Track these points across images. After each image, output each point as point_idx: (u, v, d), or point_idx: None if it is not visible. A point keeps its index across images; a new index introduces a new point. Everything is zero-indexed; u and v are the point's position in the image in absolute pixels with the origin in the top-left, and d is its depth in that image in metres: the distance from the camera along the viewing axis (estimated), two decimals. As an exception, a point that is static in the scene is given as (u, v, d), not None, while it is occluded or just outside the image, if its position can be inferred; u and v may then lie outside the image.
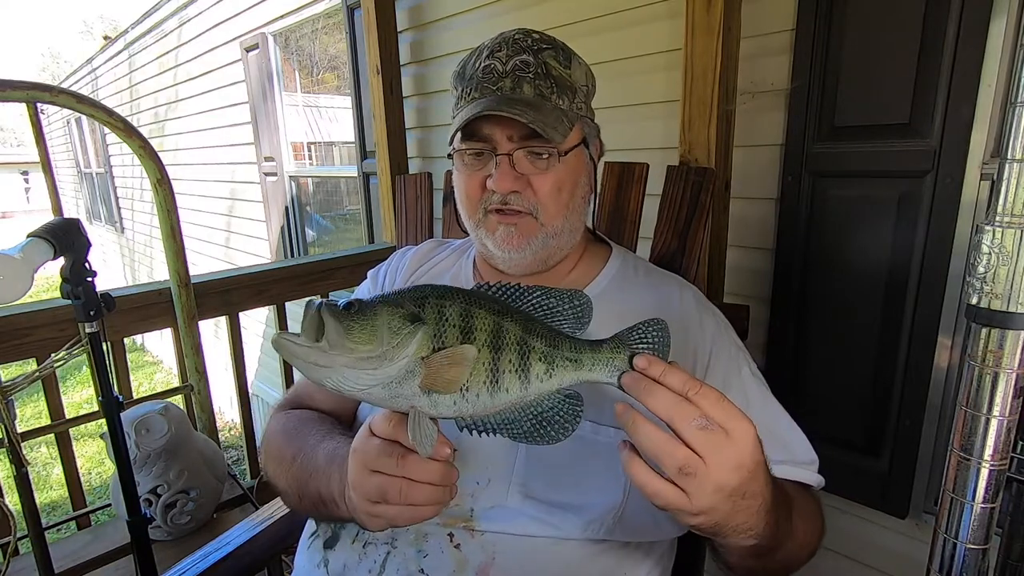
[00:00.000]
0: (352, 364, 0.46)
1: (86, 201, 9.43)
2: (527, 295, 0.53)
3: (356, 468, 0.56)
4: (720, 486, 0.46)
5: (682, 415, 0.46)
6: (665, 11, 1.54)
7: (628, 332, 0.54)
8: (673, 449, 0.46)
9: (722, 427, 0.46)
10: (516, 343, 0.49)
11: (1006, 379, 0.40)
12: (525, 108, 0.72)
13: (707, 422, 0.46)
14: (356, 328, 0.46)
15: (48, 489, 3.93)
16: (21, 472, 1.19)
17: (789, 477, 0.70)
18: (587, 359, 0.52)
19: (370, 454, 0.55)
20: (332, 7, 2.97)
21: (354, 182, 3.14)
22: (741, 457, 0.46)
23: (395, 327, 0.47)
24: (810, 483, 0.72)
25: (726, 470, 0.46)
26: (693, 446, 0.45)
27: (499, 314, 0.50)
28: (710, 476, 0.45)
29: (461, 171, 0.79)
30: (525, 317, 0.52)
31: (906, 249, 1.21)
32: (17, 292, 0.81)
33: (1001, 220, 0.40)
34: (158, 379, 6.10)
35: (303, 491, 0.70)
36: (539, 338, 0.51)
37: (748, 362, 0.79)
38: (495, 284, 0.53)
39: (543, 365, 0.50)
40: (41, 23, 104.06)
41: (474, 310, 0.49)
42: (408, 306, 0.48)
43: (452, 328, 0.48)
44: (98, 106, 1.38)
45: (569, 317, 0.53)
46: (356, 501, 0.57)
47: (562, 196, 0.77)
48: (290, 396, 0.89)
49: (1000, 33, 1.07)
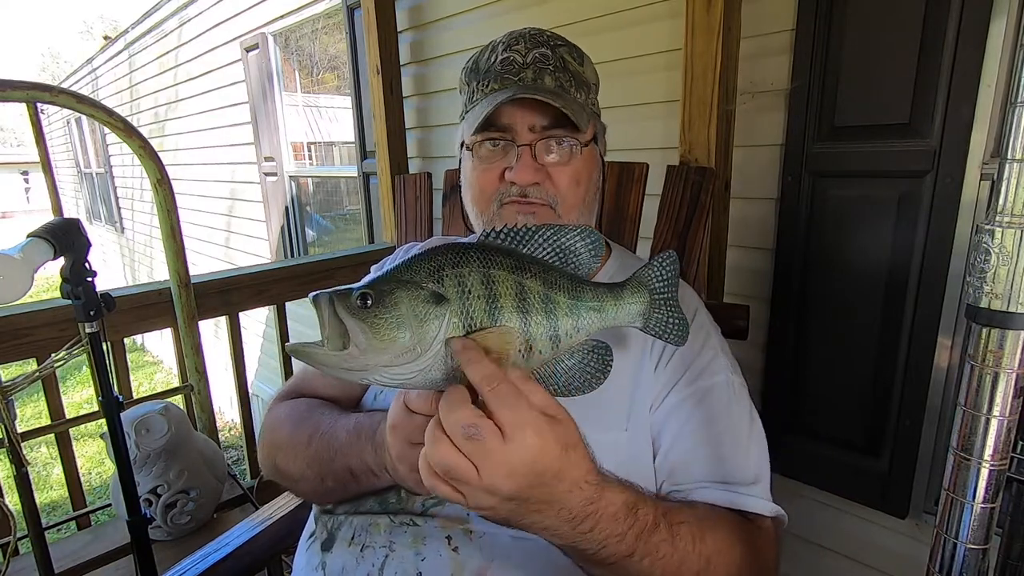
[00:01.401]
0: (388, 362, 0.44)
1: (86, 201, 9.43)
2: (537, 235, 0.50)
3: (400, 443, 0.57)
4: (491, 490, 0.45)
5: (452, 418, 0.44)
6: (665, 11, 1.54)
7: (645, 270, 0.54)
8: (443, 450, 0.44)
9: (503, 432, 0.44)
10: (541, 302, 0.48)
11: (1006, 379, 0.40)
12: (552, 96, 0.72)
13: (477, 431, 0.43)
14: (381, 324, 0.44)
15: (48, 489, 3.93)
16: (21, 472, 1.19)
17: (706, 500, 0.66)
18: (610, 306, 0.51)
19: (414, 430, 0.55)
20: (332, 7, 2.97)
21: (354, 182, 3.14)
22: (514, 466, 0.44)
23: (420, 313, 0.45)
24: (736, 507, 0.67)
25: (497, 477, 0.44)
26: (463, 451, 0.44)
27: (517, 271, 0.48)
28: (481, 482, 0.44)
29: (476, 165, 0.77)
30: (543, 268, 0.49)
31: (906, 249, 1.21)
32: (17, 292, 0.81)
33: (1001, 220, 0.39)
34: (158, 379, 6.10)
35: (326, 471, 0.70)
36: (561, 291, 0.49)
37: (728, 369, 0.76)
38: (503, 229, 0.50)
39: (569, 321, 0.49)
40: (41, 23, 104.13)
41: (493, 273, 0.47)
42: (427, 284, 0.46)
43: (477, 300, 0.46)
44: (98, 106, 1.38)
45: (583, 253, 0.51)
46: (404, 472, 0.58)
47: (580, 189, 0.76)
48: (290, 386, 0.89)
49: (1000, 33, 1.07)
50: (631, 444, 0.71)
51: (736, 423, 0.73)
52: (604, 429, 0.69)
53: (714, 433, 0.70)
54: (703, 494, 0.67)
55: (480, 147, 0.76)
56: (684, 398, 0.72)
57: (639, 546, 0.54)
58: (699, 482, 0.68)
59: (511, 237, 0.50)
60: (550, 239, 0.50)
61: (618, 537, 0.52)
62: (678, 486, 0.69)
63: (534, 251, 0.50)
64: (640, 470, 0.70)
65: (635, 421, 0.72)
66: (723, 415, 0.72)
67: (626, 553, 0.53)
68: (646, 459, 0.71)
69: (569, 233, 0.50)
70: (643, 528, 0.54)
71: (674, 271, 0.55)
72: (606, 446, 0.60)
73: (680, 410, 0.71)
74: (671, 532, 0.57)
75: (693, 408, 0.72)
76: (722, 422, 0.71)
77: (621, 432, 0.71)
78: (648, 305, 0.53)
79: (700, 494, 0.67)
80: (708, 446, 0.70)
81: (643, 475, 0.70)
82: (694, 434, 0.70)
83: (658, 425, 0.72)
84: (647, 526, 0.55)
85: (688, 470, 0.69)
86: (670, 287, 0.55)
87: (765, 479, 0.71)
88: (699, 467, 0.69)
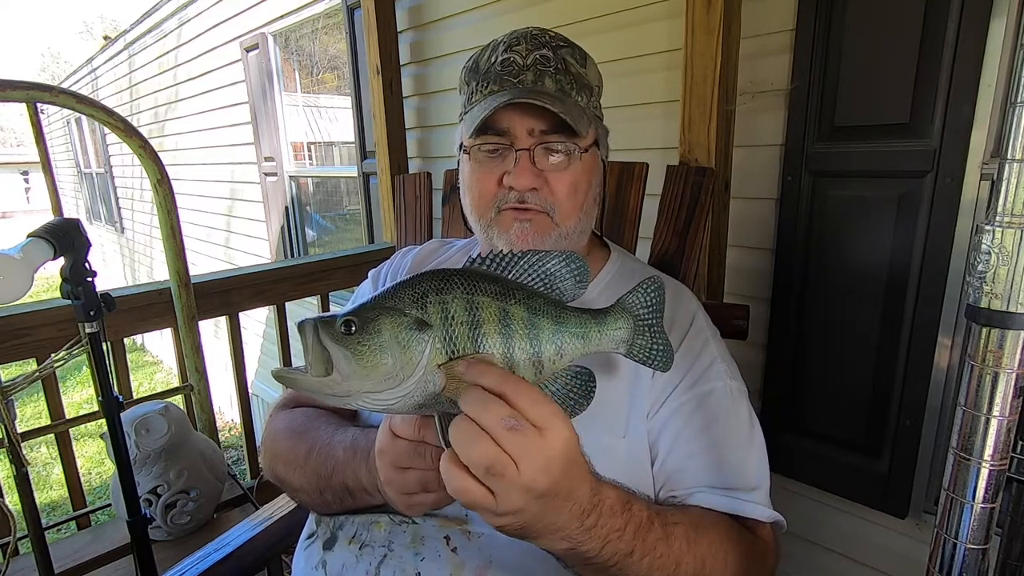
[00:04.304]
0: (371, 388, 0.45)
1: (86, 201, 9.43)
2: (523, 261, 0.51)
3: (387, 468, 0.58)
4: (529, 487, 0.44)
5: (491, 414, 0.44)
6: (665, 11, 1.54)
7: (629, 296, 0.54)
8: (482, 447, 0.43)
9: (536, 426, 0.44)
10: (525, 328, 0.48)
11: (1006, 379, 0.40)
12: (551, 100, 0.70)
13: (517, 422, 0.44)
14: (364, 351, 0.44)
15: (48, 489, 3.93)
16: (21, 472, 1.19)
17: (703, 504, 0.66)
18: (593, 333, 0.51)
19: (399, 455, 0.56)
20: (332, 7, 2.97)
21: (354, 182, 3.14)
22: (551, 458, 0.45)
23: (403, 340, 0.45)
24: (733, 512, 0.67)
25: (536, 471, 0.44)
26: (503, 445, 0.43)
27: (501, 297, 0.49)
28: (519, 477, 0.43)
29: (474, 169, 0.76)
30: (527, 294, 0.50)
31: (906, 249, 1.21)
32: (17, 292, 0.81)
33: (1001, 220, 0.39)
34: (158, 379, 6.11)
35: (324, 485, 0.70)
36: (545, 316, 0.49)
37: (726, 375, 0.75)
38: (488, 256, 0.51)
39: (553, 347, 0.49)
40: (41, 23, 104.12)
41: (477, 299, 0.48)
42: (410, 311, 0.47)
43: (460, 326, 0.47)
44: (98, 106, 1.38)
45: (567, 279, 0.51)
46: (392, 494, 0.60)
47: (578, 196, 0.75)
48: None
49: (1000, 33, 1.07)
50: (629, 450, 0.71)
51: (734, 429, 0.72)
52: (601, 435, 0.69)
53: (711, 439, 0.70)
54: (700, 498, 0.67)
55: (478, 151, 0.75)
56: (681, 404, 0.72)
57: (637, 543, 0.54)
58: (696, 487, 0.68)
59: (496, 263, 0.50)
60: (535, 265, 0.51)
61: (618, 532, 0.52)
62: (675, 491, 0.69)
63: (519, 277, 0.51)
64: (638, 476, 0.70)
65: (633, 428, 0.71)
66: (720, 421, 0.71)
67: (626, 551, 0.53)
68: (644, 465, 0.71)
69: (554, 259, 0.51)
70: (639, 524, 0.54)
71: (659, 298, 0.55)
72: (603, 451, 0.60)
73: (677, 416, 0.71)
74: (665, 532, 0.57)
75: (690, 414, 0.71)
76: (719, 428, 0.71)
77: (619, 438, 0.71)
78: (632, 332, 0.53)
79: (697, 499, 0.67)
80: (705, 452, 0.69)
81: (642, 481, 0.70)
82: (691, 440, 0.70)
83: (656, 431, 0.71)
84: (642, 522, 0.55)
85: (685, 476, 0.69)
86: (654, 314, 0.55)
87: (764, 486, 0.71)
88: (696, 473, 0.69)
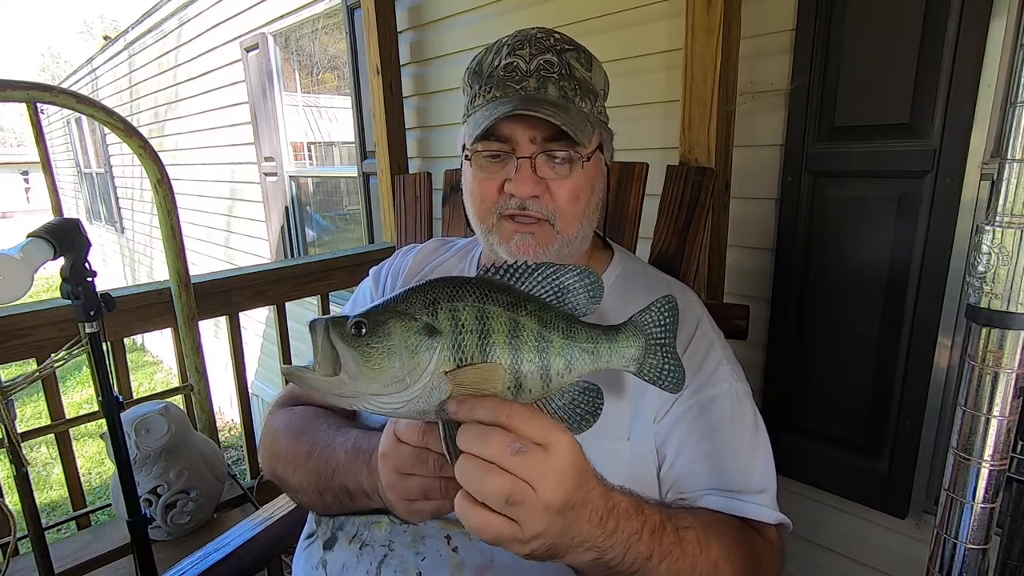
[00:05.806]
0: (378, 391, 0.45)
1: (86, 201, 9.43)
2: (537, 273, 0.50)
3: (389, 472, 0.57)
4: (548, 505, 0.44)
5: (494, 444, 0.43)
6: (665, 11, 1.54)
7: (642, 315, 0.53)
8: (494, 479, 0.43)
9: (539, 444, 0.44)
10: (534, 340, 0.48)
11: (1006, 379, 0.40)
12: (553, 109, 0.70)
13: (522, 445, 0.43)
14: (373, 353, 0.44)
15: (48, 489, 3.93)
16: (21, 472, 1.19)
17: (710, 507, 0.67)
18: (604, 349, 0.51)
19: (402, 460, 0.55)
20: (332, 7, 2.97)
21: (354, 182, 3.14)
22: (563, 471, 0.45)
23: (412, 345, 0.45)
24: (740, 514, 0.67)
25: (551, 487, 0.44)
26: (515, 472, 0.43)
27: (513, 308, 0.48)
28: (539, 499, 0.43)
29: (476, 174, 0.76)
30: (539, 306, 0.49)
31: (906, 249, 1.21)
32: (17, 292, 0.81)
33: (1001, 220, 0.40)
34: (158, 379, 6.10)
35: (324, 487, 0.70)
36: (556, 330, 0.49)
37: (732, 378, 0.75)
38: (502, 266, 0.50)
39: (562, 360, 0.49)
40: (41, 23, 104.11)
41: (488, 308, 0.47)
42: (421, 316, 0.46)
43: (470, 334, 0.47)
44: (98, 106, 1.38)
45: (581, 294, 0.51)
46: (393, 499, 0.58)
47: (579, 204, 0.75)
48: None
49: (1000, 33, 1.07)
50: (633, 454, 0.71)
51: (740, 433, 0.73)
52: (604, 439, 0.69)
53: (718, 443, 0.70)
54: (707, 501, 0.67)
55: (480, 156, 0.75)
56: (688, 408, 0.72)
57: (655, 546, 0.54)
58: (704, 490, 0.68)
59: (510, 273, 0.50)
60: (549, 277, 0.50)
61: (636, 535, 0.53)
62: (684, 494, 0.69)
63: (532, 289, 0.50)
64: (643, 479, 0.70)
65: (637, 431, 0.71)
66: (727, 425, 0.72)
67: (646, 555, 0.53)
68: (649, 469, 0.71)
69: (568, 273, 0.50)
70: (654, 527, 0.55)
71: (672, 318, 0.54)
72: (607, 456, 0.60)
73: (684, 420, 0.71)
74: (678, 536, 0.57)
75: (697, 418, 0.71)
76: (726, 432, 0.71)
77: (623, 441, 0.71)
78: (643, 351, 0.52)
79: (705, 501, 0.67)
80: (712, 455, 0.70)
81: (646, 484, 0.70)
82: (698, 444, 0.70)
83: (662, 435, 0.72)
84: (656, 525, 0.55)
85: (693, 479, 0.69)
86: (667, 333, 0.54)
87: (771, 489, 0.71)
88: (703, 476, 0.69)
